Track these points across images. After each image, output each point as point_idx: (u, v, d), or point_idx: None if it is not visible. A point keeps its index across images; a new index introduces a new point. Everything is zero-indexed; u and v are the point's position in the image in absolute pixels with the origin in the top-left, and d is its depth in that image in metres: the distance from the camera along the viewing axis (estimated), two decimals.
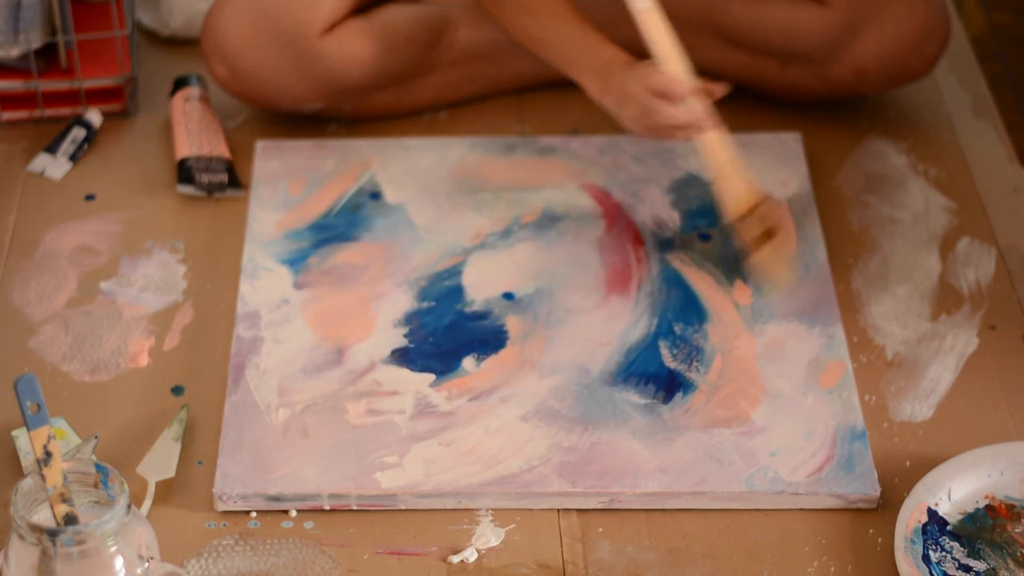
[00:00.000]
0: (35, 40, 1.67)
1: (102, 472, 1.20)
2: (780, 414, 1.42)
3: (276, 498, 1.35)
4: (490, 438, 1.40)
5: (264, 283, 1.53)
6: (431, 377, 1.45)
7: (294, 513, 1.36)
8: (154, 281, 1.56)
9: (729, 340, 1.48)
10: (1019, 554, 1.32)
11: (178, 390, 1.45)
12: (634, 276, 1.54)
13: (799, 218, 1.60)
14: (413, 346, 1.48)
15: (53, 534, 1.16)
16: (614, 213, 1.61)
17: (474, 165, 1.66)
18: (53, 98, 1.72)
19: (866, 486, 1.36)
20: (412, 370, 1.46)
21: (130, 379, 1.47)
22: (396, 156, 1.67)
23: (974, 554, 1.32)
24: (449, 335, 1.49)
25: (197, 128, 1.68)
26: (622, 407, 1.42)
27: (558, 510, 1.37)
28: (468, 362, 1.47)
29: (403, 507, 1.36)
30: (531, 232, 1.59)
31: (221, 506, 1.36)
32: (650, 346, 1.48)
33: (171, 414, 1.43)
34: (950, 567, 1.30)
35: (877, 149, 1.71)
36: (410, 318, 1.50)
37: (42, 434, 1.18)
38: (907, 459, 1.40)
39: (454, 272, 1.55)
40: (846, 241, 1.60)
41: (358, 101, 1.70)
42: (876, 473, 1.37)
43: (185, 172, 1.64)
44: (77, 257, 1.58)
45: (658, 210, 1.61)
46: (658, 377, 1.45)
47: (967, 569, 1.31)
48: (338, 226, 1.59)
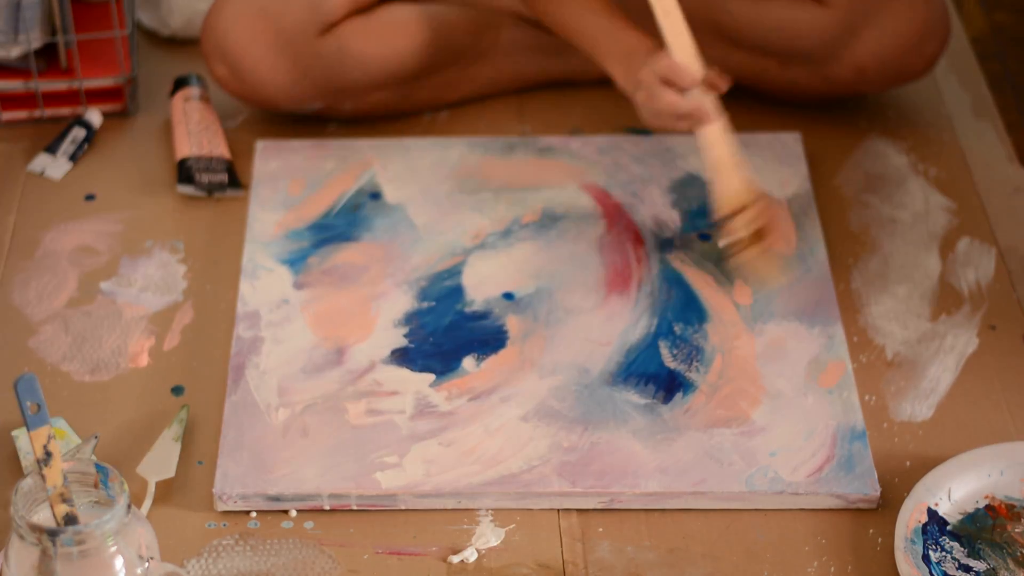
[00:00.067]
0: (35, 40, 1.67)
1: (102, 472, 1.20)
2: (780, 414, 1.42)
3: (276, 498, 1.35)
4: (490, 438, 1.40)
5: (264, 283, 1.53)
6: (431, 377, 1.45)
7: (294, 513, 1.36)
8: (154, 281, 1.56)
9: (729, 340, 1.48)
10: (1019, 554, 1.32)
11: (178, 390, 1.45)
12: (634, 276, 1.54)
13: (799, 218, 1.60)
14: (413, 346, 1.48)
15: (53, 534, 1.16)
16: (614, 213, 1.61)
17: (474, 165, 1.66)
18: (53, 98, 1.72)
19: (866, 486, 1.36)
20: (412, 370, 1.46)
21: (130, 379, 1.46)
22: (396, 156, 1.67)
23: (974, 554, 1.32)
24: (449, 335, 1.49)
25: (197, 128, 1.68)
26: (622, 407, 1.42)
27: (558, 510, 1.37)
28: (468, 362, 1.46)
29: (403, 507, 1.36)
30: (531, 232, 1.59)
31: (221, 506, 1.36)
32: (650, 346, 1.48)
33: (171, 414, 1.43)
34: (950, 567, 1.30)
35: (877, 149, 1.71)
36: (410, 318, 1.50)
37: (42, 434, 1.18)
38: (907, 459, 1.40)
39: (454, 272, 1.55)
40: (846, 241, 1.60)
41: (358, 101, 1.70)
42: (876, 473, 1.37)
43: (185, 172, 1.64)
44: (77, 257, 1.58)
45: (658, 210, 1.61)
46: (658, 377, 1.45)
47: (967, 569, 1.31)
48: (338, 226, 1.59)
